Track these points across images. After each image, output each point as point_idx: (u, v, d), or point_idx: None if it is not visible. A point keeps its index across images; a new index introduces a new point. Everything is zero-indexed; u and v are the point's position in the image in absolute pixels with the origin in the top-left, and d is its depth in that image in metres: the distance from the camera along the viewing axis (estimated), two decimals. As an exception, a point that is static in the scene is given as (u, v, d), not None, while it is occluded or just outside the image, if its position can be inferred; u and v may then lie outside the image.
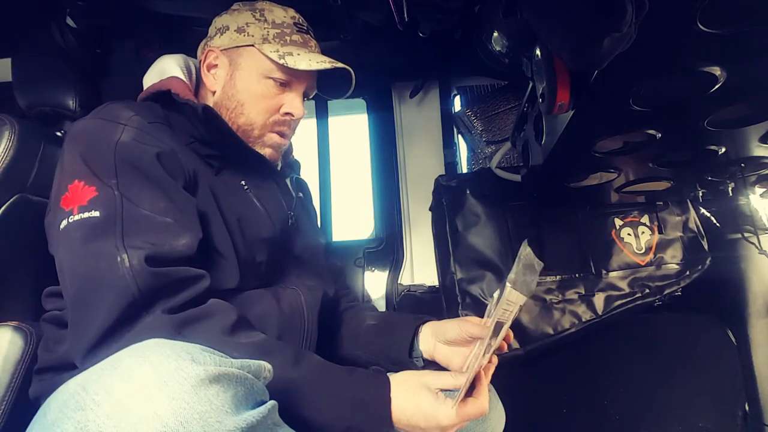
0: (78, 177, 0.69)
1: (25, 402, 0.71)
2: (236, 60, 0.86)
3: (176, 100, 0.80)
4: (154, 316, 0.62)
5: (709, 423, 1.22)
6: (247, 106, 0.85)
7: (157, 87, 0.84)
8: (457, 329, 0.82)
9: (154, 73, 0.90)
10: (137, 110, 0.77)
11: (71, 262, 0.65)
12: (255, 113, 0.85)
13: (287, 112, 0.87)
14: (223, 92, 0.87)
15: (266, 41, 0.85)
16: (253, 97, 0.85)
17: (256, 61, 0.85)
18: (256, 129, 0.86)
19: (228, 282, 0.78)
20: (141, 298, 0.61)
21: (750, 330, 1.25)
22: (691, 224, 1.33)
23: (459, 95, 1.64)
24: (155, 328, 0.60)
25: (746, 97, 0.70)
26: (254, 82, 0.85)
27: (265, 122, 0.86)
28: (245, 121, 0.85)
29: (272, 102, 0.86)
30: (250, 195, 0.86)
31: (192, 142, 0.81)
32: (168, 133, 0.79)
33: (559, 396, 1.33)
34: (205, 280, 0.69)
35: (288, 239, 0.93)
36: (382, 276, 1.52)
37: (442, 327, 0.86)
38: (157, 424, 0.41)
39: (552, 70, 0.69)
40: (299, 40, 0.87)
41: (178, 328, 0.62)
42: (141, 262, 0.63)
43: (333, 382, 0.66)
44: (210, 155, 0.83)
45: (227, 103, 0.86)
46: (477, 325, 0.79)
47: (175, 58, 0.91)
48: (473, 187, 1.32)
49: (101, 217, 0.66)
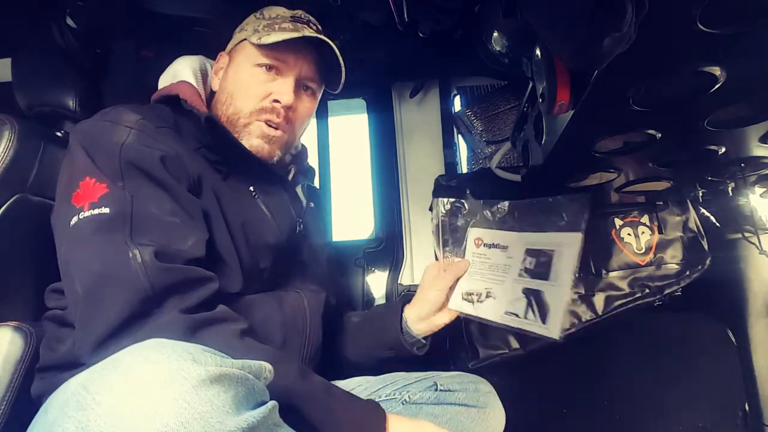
0: (89, 174, 0.69)
1: (25, 401, 0.71)
2: (233, 57, 0.88)
3: (183, 107, 0.80)
4: (170, 316, 0.62)
5: (709, 423, 1.22)
6: (235, 95, 0.85)
7: (167, 91, 0.84)
8: (430, 288, 0.90)
9: (169, 75, 0.90)
10: (144, 114, 0.78)
11: (82, 258, 0.65)
12: (241, 101, 0.84)
13: (275, 99, 0.84)
14: (219, 89, 0.88)
15: (256, 32, 0.86)
16: (241, 86, 0.85)
17: (246, 52, 0.86)
18: (242, 117, 0.84)
19: (231, 286, 0.78)
20: (153, 294, 0.62)
21: (750, 330, 1.25)
22: (691, 224, 1.33)
23: (459, 95, 1.64)
24: (170, 327, 0.60)
25: (746, 97, 0.70)
26: (244, 72, 0.85)
27: (252, 110, 0.84)
28: (233, 111, 0.85)
29: (260, 89, 0.84)
30: (258, 201, 0.86)
31: (200, 147, 0.81)
32: (175, 138, 0.79)
33: (559, 396, 1.33)
34: (214, 282, 0.70)
35: (295, 246, 0.92)
36: (382, 276, 1.52)
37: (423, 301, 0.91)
38: (157, 424, 0.41)
39: (552, 70, 0.69)
40: (289, 27, 0.86)
41: (193, 329, 0.62)
42: (152, 258, 0.63)
43: (334, 401, 0.67)
44: (217, 161, 0.83)
45: (220, 97, 0.87)
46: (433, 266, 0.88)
47: (190, 60, 0.91)
48: (473, 187, 1.32)
49: (111, 213, 0.66)
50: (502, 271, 0.85)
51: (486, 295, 0.83)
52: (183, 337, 0.58)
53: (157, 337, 0.49)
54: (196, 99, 0.82)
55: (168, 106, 0.84)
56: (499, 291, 0.83)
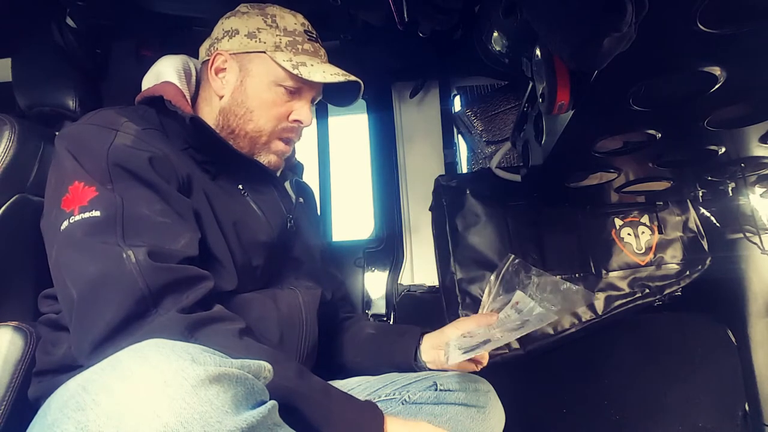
0: (78, 178, 0.69)
1: (25, 402, 0.71)
2: (247, 66, 0.85)
3: (168, 107, 0.80)
4: (168, 315, 0.62)
5: (709, 423, 1.22)
6: (256, 113, 0.85)
7: (151, 92, 0.84)
8: (455, 330, 0.84)
9: (151, 76, 0.89)
10: (130, 116, 0.77)
11: (74, 262, 0.65)
12: (264, 120, 0.85)
13: (296, 119, 0.87)
14: (232, 98, 0.86)
15: (278, 49, 0.84)
16: (263, 104, 0.85)
17: (267, 68, 0.84)
18: (264, 135, 0.86)
19: (226, 285, 0.78)
20: (150, 294, 0.62)
21: (750, 330, 1.25)
22: (691, 224, 1.33)
23: (459, 95, 1.64)
24: (168, 327, 0.60)
25: (746, 97, 0.70)
26: (265, 89, 0.84)
27: (274, 129, 0.86)
28: (254, 127, 0.85)
29: (282, 109, 0.86)
30: (248, 199, 0.86)
31: (187, 148, 0.81)
32: (162, 139, 0.78)
33: (559, 396, 1.33)
34: (209, 281, 0.69)
35: (287, 243, 0.92)
36: (382, 276, 1.52)
37: (441, 334, 0.88)
38: (157, 424, 0.41)
39: (552, 70, 0.69)
40: (310, 49, 0.87)
41: (191, 329, 0.62)
42: (147, 258, 0.63)
43: (332, 401, 0.67)
44: (205, 161, 0.83)
45: (236, 110, 0.85)
46: (472, 319, 0.83)
47: (173, 60, 0.90)
48: (473, 187, 1.32)
49: (102, 216, 0.66)
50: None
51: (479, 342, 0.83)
52: (181, 337, 0.57)
53: (155, 338, 0.49)
54: (181, 99, 0.82)
55: (153, 107, 0.83)
56: None
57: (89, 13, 1.18)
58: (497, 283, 0.85)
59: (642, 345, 1.32)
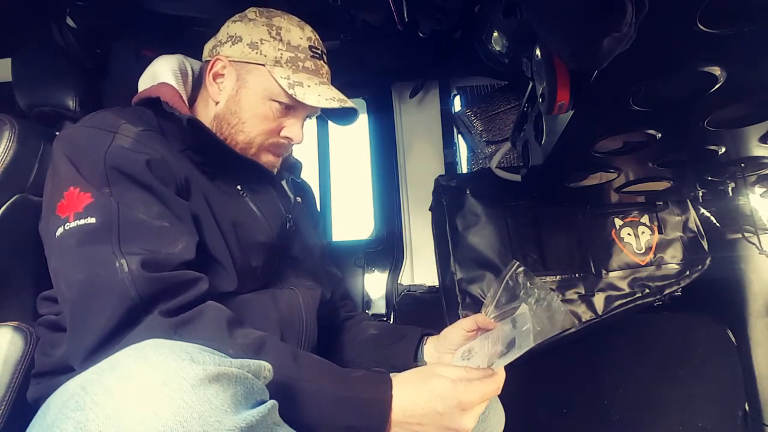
0: (73, 184, 0.69)
1: (25, 402, 0.71)
2: (244, 76, 0.85)
3: (165, 109, 0.80)
4: (150, 318, 0.62)
5: (709, 423, 1.22)
6: (248, 124, 0.85)
7: (147, 94, 0.83)
8: (457, 330, 0.83)
9: (148, 76, 0.89)
10: (128, 118, 0.77)
11: (69, 269, 0.65)
12: (255, 133, 0.85)
13: (287, 137, 0.87)
14: (226, 106, 0.85)
15: (278, 64, 0.84)
16: (255, 117, 0.84)
17: (264, 82, 0.84)
18: (254, 147, 0.86)
19: (225, 286, 0.78)
20: (141, 303, 0.62)
21: (750, 330, 1.25)
22: (691, 224, 1.33)
23: (459, 95, 1.64)
24: (151, 329, 0.60)
25: (746, 97, 0.70)
26: (259, 103, 0.84)
27: (263, 143, 0.86)
28: (244, 138, 0.85)
29: (274, 124, 0.86)
30: (247, 200, 0.86)
31: (185, 149, 0.81)
32: (160, 141, 0.78)
33: (559, 396, 1.33)
34: (203, 283, 0.69)
35: (286, 242, 0.92)
36: (382, 276, 1.52)
37: (443, 337, 0.88)
38: (156, 424, 0.41)
39: (552, 70, 0.69)
40: (311, 67, 0.86)
41: (174, 328, 0.62)
42: (139, 268, 0.63)
43: (331, 381, 0.65)
44: (203, 162, 0.82)
45: (229, 119, 0.85)
46: (473, 318, 0.82)
47: (169, 60, 0.89)
48: (473, 187, 1.32)
49: (97, 223, 0.65)
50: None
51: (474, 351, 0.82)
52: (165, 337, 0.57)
53: (141, 340, 0.49)
54: (178, 100, 0.81)
55: (150, 109, 0.83)
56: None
57: (89, 13, 1.18)
58: (500, 290, 0.85)
59: (642, 345, 1.32)
